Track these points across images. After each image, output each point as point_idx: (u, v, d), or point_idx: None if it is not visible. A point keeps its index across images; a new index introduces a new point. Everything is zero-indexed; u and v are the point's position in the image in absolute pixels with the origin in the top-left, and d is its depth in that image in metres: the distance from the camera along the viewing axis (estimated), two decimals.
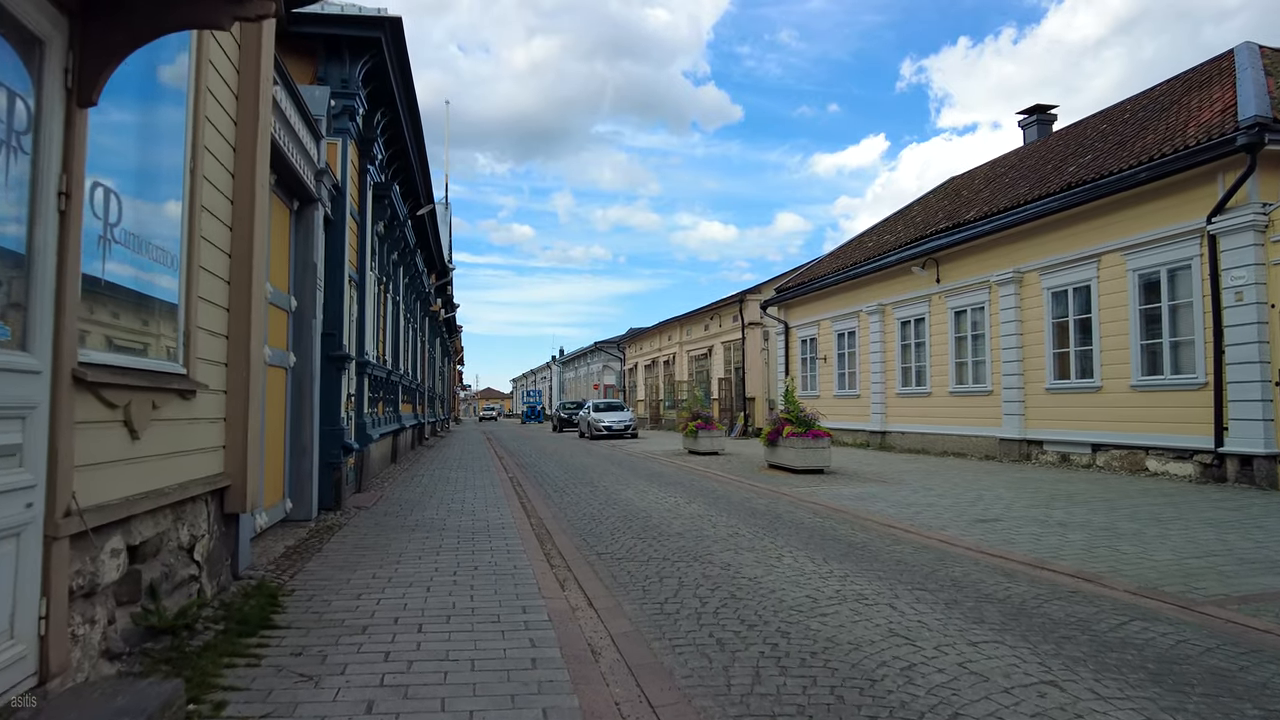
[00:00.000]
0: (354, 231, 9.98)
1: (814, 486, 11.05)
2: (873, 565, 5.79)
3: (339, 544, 6.61)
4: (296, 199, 7.70)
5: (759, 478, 12.44)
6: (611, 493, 10.60)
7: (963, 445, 16.33)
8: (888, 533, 7.31)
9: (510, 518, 8.17)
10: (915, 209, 22.51)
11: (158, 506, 3.72)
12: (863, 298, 20.14)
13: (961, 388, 16.51)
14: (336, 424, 8.56)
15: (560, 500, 9.87)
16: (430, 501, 9.43)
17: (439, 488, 10.97)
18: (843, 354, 21.27)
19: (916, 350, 18.11)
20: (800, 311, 23.72)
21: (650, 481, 12.13)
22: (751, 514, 8.44)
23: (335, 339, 8.62)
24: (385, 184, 11.14)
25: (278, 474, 7.26)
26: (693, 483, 11.91)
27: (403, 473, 13.30)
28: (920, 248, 17.51)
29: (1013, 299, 14.95)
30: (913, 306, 18.16)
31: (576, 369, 66.47)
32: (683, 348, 35.77)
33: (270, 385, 6.91)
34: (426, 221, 16.32)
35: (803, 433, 12.87)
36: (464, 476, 12.75)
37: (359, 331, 10.19)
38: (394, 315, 14.47)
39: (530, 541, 6.79)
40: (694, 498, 9.96)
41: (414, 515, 8.30)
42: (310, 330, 7.73)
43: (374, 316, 11.93)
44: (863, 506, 9.02)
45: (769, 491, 10.59)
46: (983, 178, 20.15)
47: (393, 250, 13.37)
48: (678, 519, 8.11)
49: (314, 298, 7.78)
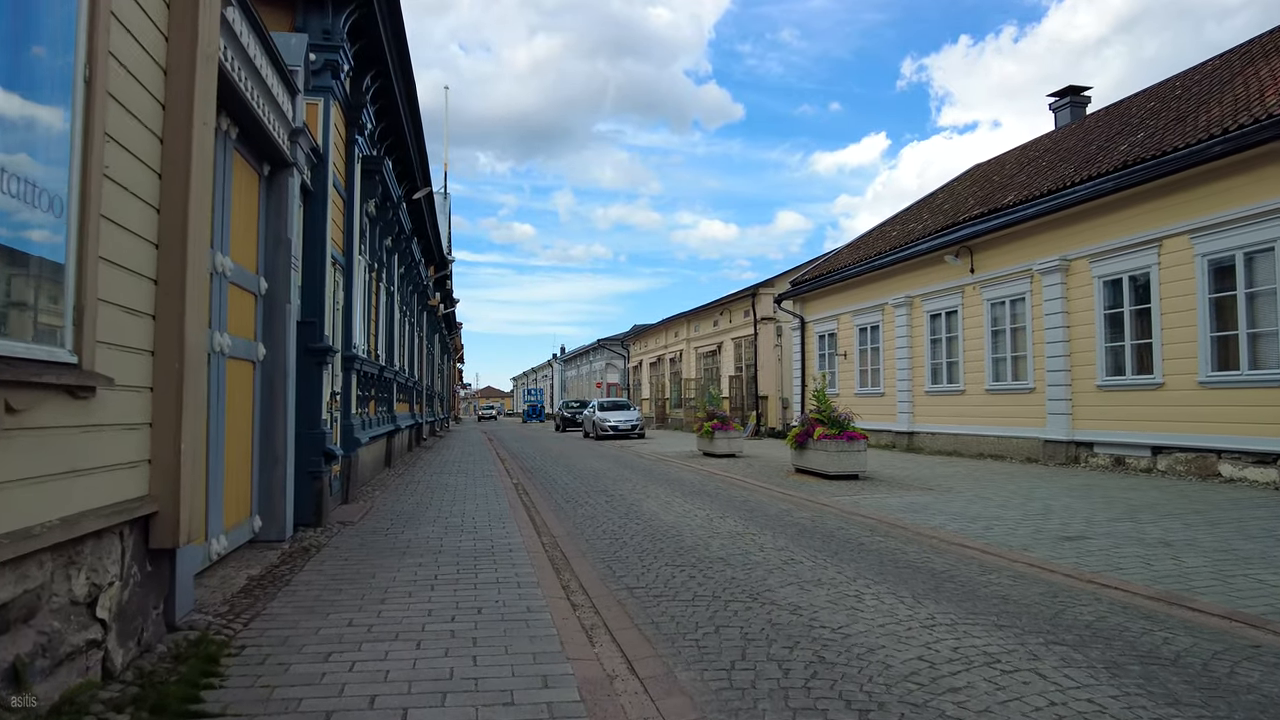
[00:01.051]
0: (339, 208, 8.82)
1: (854, 495, 9.91)
2: (975, 605, 4.63)
3: (313, 573, 5.46)
4: (267, 162, 6.54)
5: (789, 484, 11.28)
6: (631, 503, 9.45)
7: (1000, 447, 15.17)
8: (967, 556, 6.15)
9: (518, 536, 7.02)
10: (940, 196, 21.35)
11: (20, 555, 2.56)
12: (888, 290, 18.97)
13: (999, 385, 15.35)
14: (317, 427, 7.40)
15: (574, 514, 8.71)
16: (426, 515, 8.28)
17: (436, 497, 9.82)
18: (864, 350, 20.11)
19: (948, 345, 16.95)
20: (818, 305, 22.56)
21: (671, 489, 10.98)
22: (799, 531, 7.29)
23: (315, 329, 7.47)
24: (376, 158, 9.98)
25: (243, 488, 6.10)
26: (718, 491, 10.75)
27: (397, 479, 12.14)
28: (953, 235, 16.35)
29: (1058, 288, 13.79)
30: (944, 298, 16.99)
31: (578, 367, 65.31)
32: (690, 344, 34.60)
33: (232, 382, 5.76)
34: (424, 207, 15.15)
35: (836, 435, 11.72)
36: (464, 483, 11.60)
37: (345, 322, 9.04)
38: (388, 307, 13.31)
39: (544, 570, 5.63)
40: (725, 509, 8.81)
41: (407, 533, 7.15)
42: (284, 317, 6.57)
43: (364, 306, 10.78)
44: (920, 520, 7.88)
45: (806, 501, 9.44)
46: (1014, 163, 18.99)
47: (385, 234, 12.21)
48: (715, 538, 6.96)
49: (288, 279, 6.62)
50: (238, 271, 5.87)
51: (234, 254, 5.82)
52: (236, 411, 5.88)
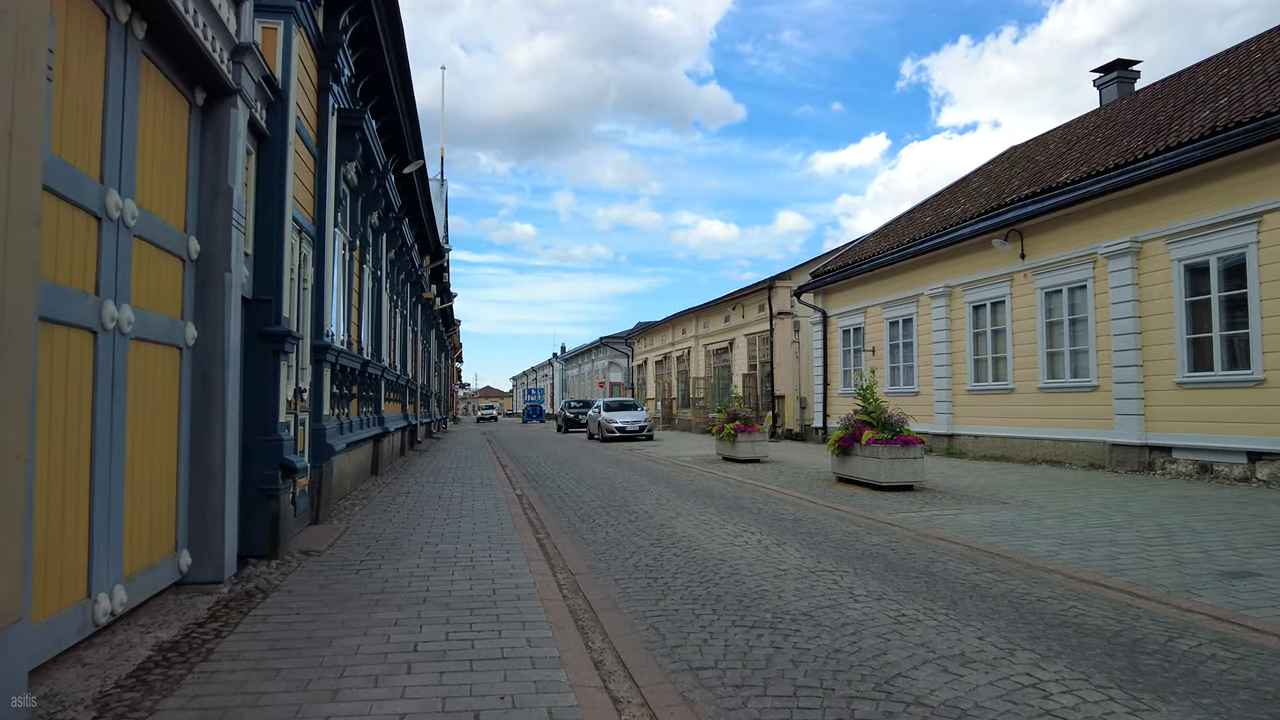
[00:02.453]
0: (307, 166, 7.28)
1: (920, 510, 8.38)
2: (1217, 701, 3.10)
3: (247, 639, 3.92)
4: (201, 87, 5.01)
5: (836, 496, 9.75)
6: (659, 523, 7.91)
7: (1057, 451, 13.64)
8: (1122, 603, 4.63)
9: (526, 572, 5.48)
10: (975, 180, 19.82)
11: None
12: (923, 279, 17.44)
13: (1055, 383, 13.83)
14: (273, 433, 5.86)
15: (592, 537, 7.17)
16: (412, 539, 6.74)
17: (427, 514, 8.28)
18: (895, 345, 18.57)
19: (994, 339, 15.42)
20: (842, 298, 21.02)
21: (701, 503, 9.44)
22: (886, 567, 5.75)
23: (271, 309, 5.93)
24: (355, 111, 8.43)
25: (161, 514, 4.57)
26: (757, 505, 9.21)
27: (383, 489, 10.60)
28: (1000, 218, 14.81)
29: (1128, 274, 12.26)
30: (989, 287, 15.46)
31: (580, 366, 63.74)
32: (699, 341, 33.05)
33: (139, 371, 4.23)
34: (416, 185, 13.59)
35: (888, 439, 10.18)
36: (460, 495, 10.05)
37: (316, 304, 7.50)
38: (373, 293, 11.77)
39: (566, 633, 4.09)
40: (777, 532, 7.27)
41: (384, 567, 5.61)
42: (223, 291, 5.04)
43: (342, 289, 9.24)
44: (1020, 547, 6.35)
45: (867, 520, 7.91)
46: (1059, 142, 17.47)
47: (370, 209, 10.67)
48: (783, 578, 5.41)
49: (229, 242, 5.08)
50: (150, 223, 4.33)
51: (145, 198, 4.29)
52: (148, 411, 4.35)
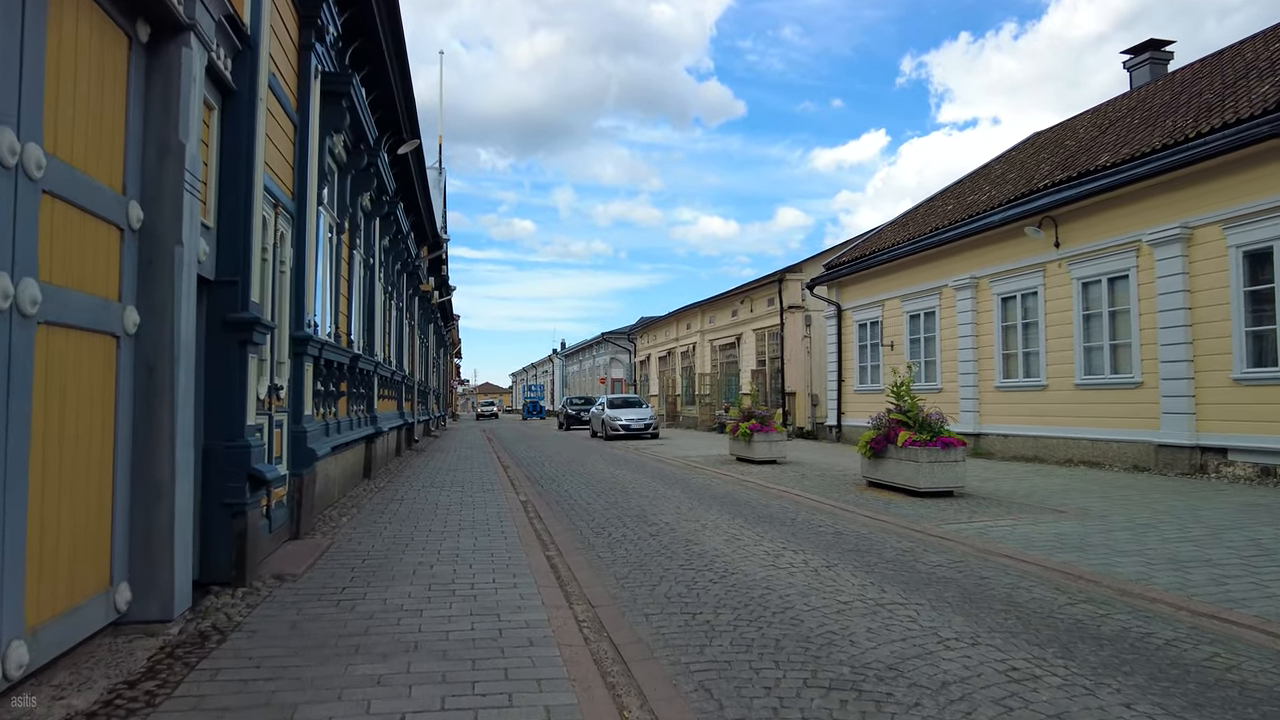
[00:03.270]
0: (285, 132, 6.39)
1: (970, 521, 7.52)
2: None
3: (182, 713, 3.05)
4: (144, 19, 4.12)
5: (871, 503, 8.89)
6: (685, 537, 7.04)
7: (1095, 452, 12.79)
8: (1273, 650, 3.76)
9: (539, 605, 4.62)
10: (998, 167, 18.94)
11: None
12: (947, 270, 16.57)
13: (1093, 380, 12.97)
14: (238, 437, 4.99)
15: (611, 556, 6.30)
16: (404, 560, 5.87)
17: (423, 526, 7.41)
18: (916, 339, 17.70)
19: (1024, 333, 14.56)
20: (857, 291, 20.14)
21: (728, 512, 8.57)
22: (962, 596, 4.88)
23: (237, 292, 5.05)
24: (342, 76, 7.54)
25: (91, 541, 3.70)
26: (789, 515, 8.34)
27: (375, 495, 9.73)
28: (1032, 205, 13.93)
29: (1177, 262, 11.40)
30: (1020, 278, 14.58)
31: (580, 362, 62.84)
32: (704, 336, 32.16)
33: (57, 363, 3.37)
34: (412, 168, 12.69)
35: (927, 441, 9.32)
36: (459, 502, 9.19)
37: (296, 290, 6.61)
38: (365, 282, 10.88)
39: (595, 696, 3.23)
40: (825, 551, 6.39)
41: (369, 598, 4.75)
42: (174, 268, 4.16)
43: (329, 275, 8.37)
44: (1103, 568, 5.51)
45: (915, 532, 7.05)
46: (1089, 126, 16.59)
47: (361, 188, 9.78)
48: (848, 613, 4.54)
49: (180, 209, 4.20)
50: (70, 178, 3.46)
51: (62, 147, 3.41)
52: (68, 414, 3.48)
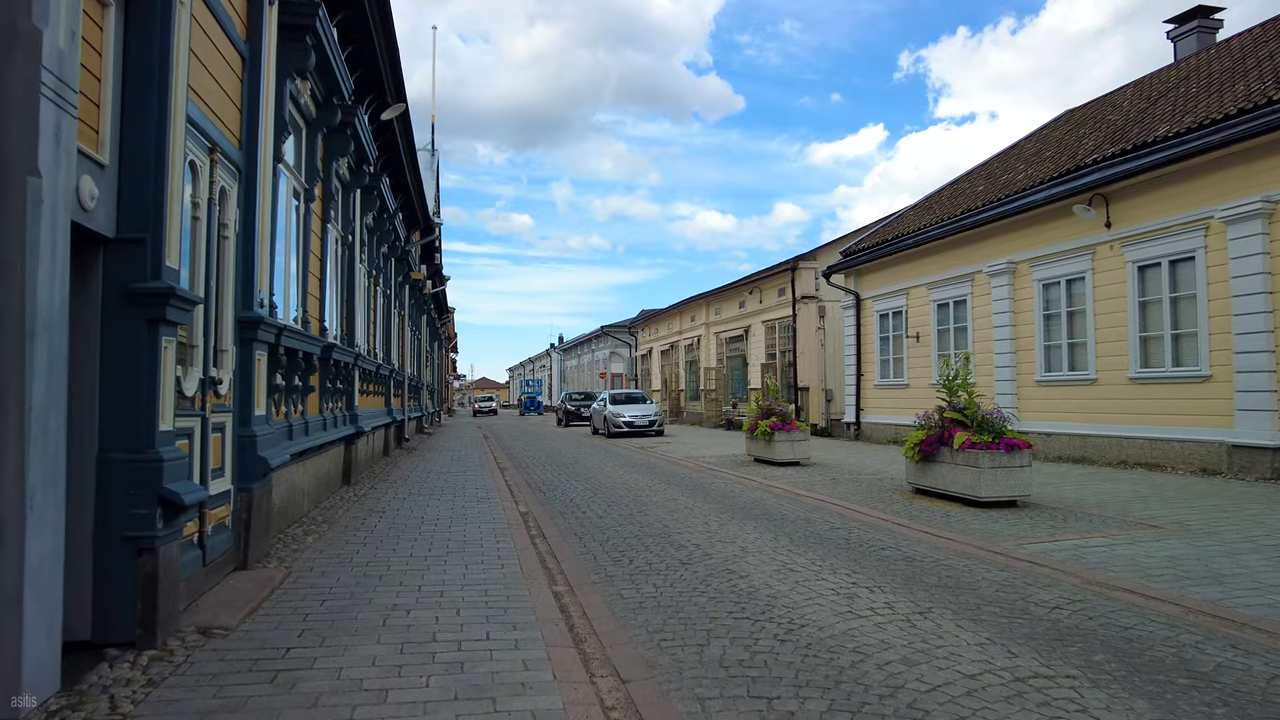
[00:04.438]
0: (227, 61, 5.10)
1: (1054, 538, 6.29)
2: None
3: None
4: None
5: (928, 515, 7.65)
6: (725, 567, 5.79)
7: (1155, 453, 11.57)
8: None
9: (548, 679, 3.38)
10: (1030, 146, 17.69)
11: None
12: (980, 254, 15.32)
13: (1151, 373, 11.74)
14: (145, 448, 3.73)
15: (637, 594, 5.04)
16: (374, 602, 4.61)
17: (402, 547, 6.16)
18: (945, 330, 16.46)
19: (1069, 322, 13.32)
20: (878, 279, 18.88)
21: (768, 530, 7.32)
22: (1122, 663, 3.64)
23: (144, 254, 3.77)
24: (305, 5, 6.25)
25: None
26: (839, 533, 7.10)
27: (353, 506, 8.47)
28: (1082, 180, 12.68)
29: (1256, 241, 10.17)
30: (1064, 262, 13.34)
31: (579, 356, 61.53)
32: (710, 329, 30.90)
33: None
34: (398, 135, 11.38)
35: (989, 443, 8.09)
36: (449, 516, 7.94)
37: (243, 260, 5.34)
38: (344, 263, 9.61)
39: None
40: (905, 587, 5.15)
41: (319, 670, 3.49)
42: (24, 204, 2.90)
43: (296, 249, 7.09)
44: (1272, 612, 4.26)
45: (999, 557, 5.81)
46: (1136, 97, 15.33)
47: (336, 152, 8.48)
48: (989, 697, 3.30)
49: (33, 122, 2.94)
50: None
51: None
52: None
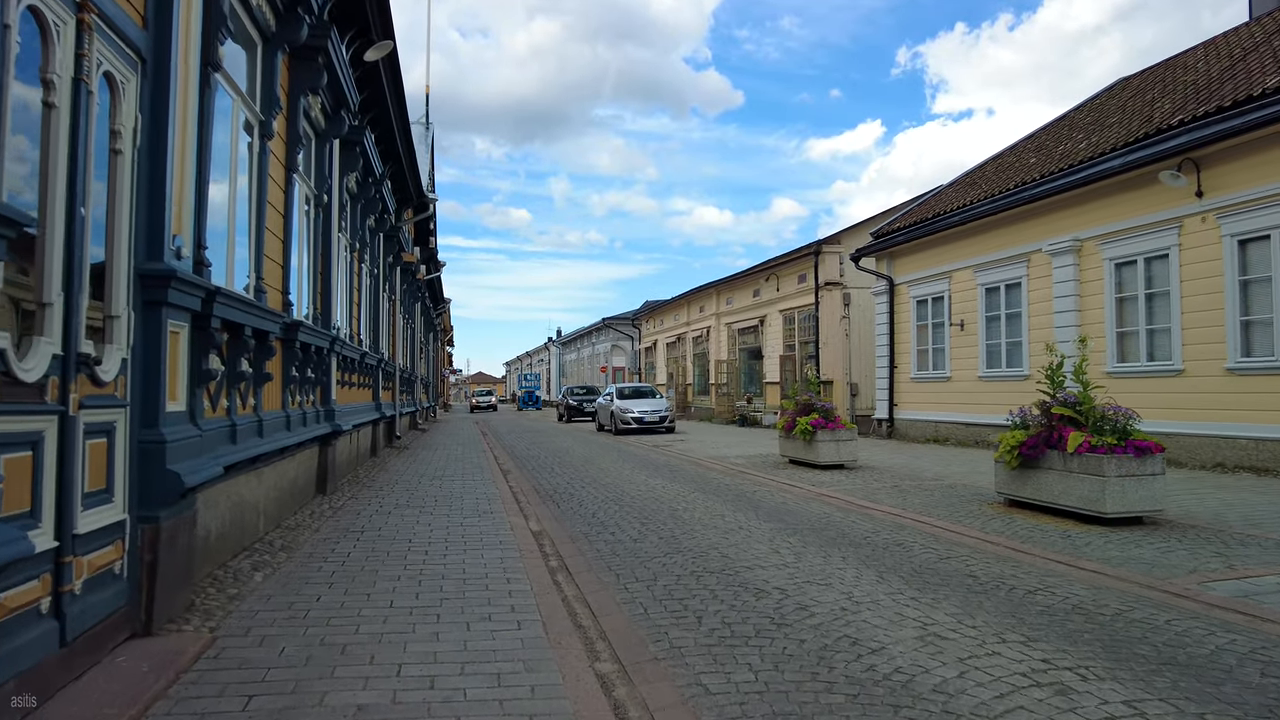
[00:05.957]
0: None
1: (1239, 572, 4.73)
2: None
3: None
4: None
5: (1047, 538, 6.10)
6: (843, 630, 4.20)
7: (1260, 454, 10.04)
8: None
9: None
10: (1083, 115, 16.10)
11: None
12: (1038, 232, 13.74)
13: (1253, 363, 10.20)
14: None
15: (724, 681, 3.46)
16: (325, 701, 3.03)
17: (379, 592, 4.58)
18: (994, 316, 14.89)
19: (1148, 305, 11.76)
20: (915, 261, 17.30)
21: (856, 560, 5.75)
22: None
23: None
24: None
25: None
26: (949, 564, 5.54)
27: (325, 523, 6.87)
28: (1166, 144, 11.10)
29: None
30: (1142, 238, 11.77)
31: (578, 350, 59.89)
32: (720, 320, 29.31)
33: None
34: (386, 84, 9.75)
35: (1113, 446, 6.54)
36: (444, 537, 6.34)
37: (147, 190, 3.72)
38: (319, 227, 8.00)
39: None
40: (1130, 668, 3.58)
41: None
42: None
43: (247, 197, 5.48)
44: None
45: (1188, 602, 4.26)
46: (1212, 57, 13.76)
47: (303, 80, 6.80)
48: None
49: None
50: None
51: None
52: None
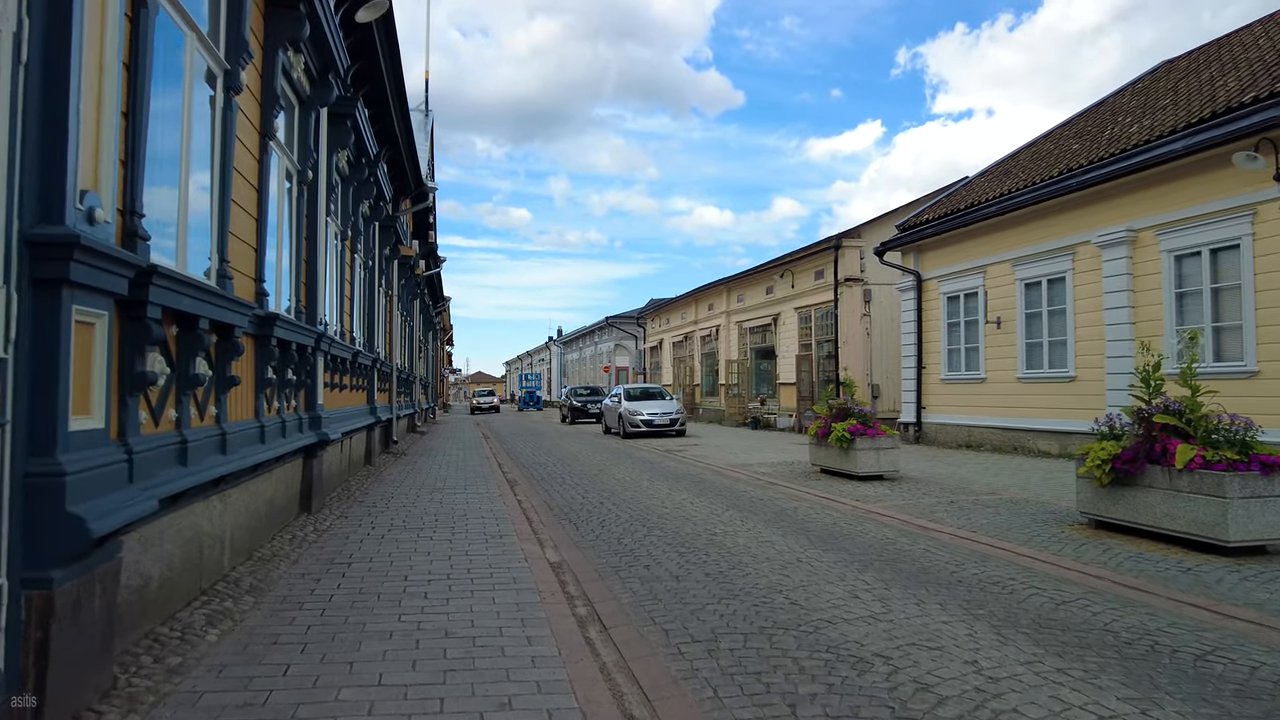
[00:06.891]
0: None
1: None
2: None
3: None
4: None
5: (1157, 569, 5.12)
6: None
7: None
8: None
9: None
10: (1126, 99, 15.13)
11: None
12: (1085, 222, 12.76)
13: None
14: None
15: None
16: None
17: (364, 655, 3.60)
18: (1036, 313, 13.91)
19: (1213, 301, 10.77)
20: (945, 255, 16.32)
21: (959, 607, 4.77)
22: None
23: None
24: None
25: None
26: (1068, 610, 4.55)
27: (306, 552, 5.88)
28: (1243, 123, 10.12)
29: None
30: (1208, 227, 10.79)
31: (580, 349, 58.86)
32: (730, 318, 28.32)
33: None
34: (382, 55, 8.78)
35: (1234, 462, 5.55)
36: (445, 567, 5.36)
37: (39, 118, 2.75)
38: (303, 207, 7.02)
39: None
40: None
41: None
42: None
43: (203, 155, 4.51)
44: None
45: None
46: (1268, 32, 12.79)
47: (281, 31, 5.80)
48: None
49: None
50: None
51: None
52: None
